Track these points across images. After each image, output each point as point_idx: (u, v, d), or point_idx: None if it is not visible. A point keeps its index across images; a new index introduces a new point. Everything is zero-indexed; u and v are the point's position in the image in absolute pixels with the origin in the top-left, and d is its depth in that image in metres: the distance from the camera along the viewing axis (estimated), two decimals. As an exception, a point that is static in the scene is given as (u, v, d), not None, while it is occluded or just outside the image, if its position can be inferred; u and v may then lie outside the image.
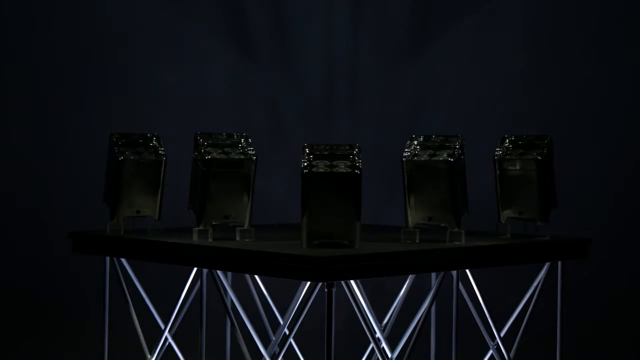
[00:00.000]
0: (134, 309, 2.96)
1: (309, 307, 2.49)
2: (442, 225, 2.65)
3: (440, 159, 2.64)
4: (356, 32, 4.59)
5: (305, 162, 2.49)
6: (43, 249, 4.15)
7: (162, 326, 2.95)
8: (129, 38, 4.32)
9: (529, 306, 2.91)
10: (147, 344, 2.96)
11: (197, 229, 2.66)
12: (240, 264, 2.45)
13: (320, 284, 2.45)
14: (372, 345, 3.02)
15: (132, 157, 2.86)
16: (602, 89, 4.37)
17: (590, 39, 4.39)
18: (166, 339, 2.92)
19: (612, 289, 4.33)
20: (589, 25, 4.39)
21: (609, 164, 4.35)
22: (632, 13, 4.35)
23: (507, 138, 2.89)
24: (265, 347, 2.89)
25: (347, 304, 2.62)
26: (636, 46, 4.34)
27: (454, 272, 2.64)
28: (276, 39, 4.55)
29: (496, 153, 2.86)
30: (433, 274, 3.04)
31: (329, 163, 2.49)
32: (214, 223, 2.67)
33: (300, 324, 2.49)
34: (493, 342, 2.88)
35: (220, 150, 2.68)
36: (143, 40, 4.34)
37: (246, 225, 2.68)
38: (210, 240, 2.65)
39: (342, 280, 2.34)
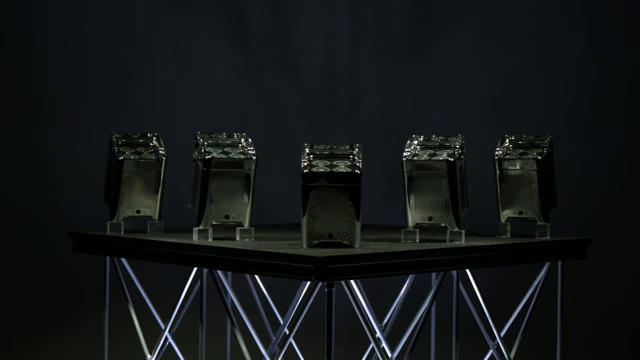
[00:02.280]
0: (134, 309, 2.96)
1: (309, 307, 2.49)
2: (442, 225, 2.65)
3: (440, 159, 2.64)
4: (356, 32, 4.59)
5: (305, 162, 2.49)
6: (43, 249, 4.15)
7: (162, 326, 2.95)
8: (129, 38, 4.32)
9: (529, 306, 2.91)
10: (147, 344, 2.96)
11: (197, 229, 2.66)
12: (240, 264, 2.45)
13: (320, 284, 2.45)
14: (372, 345, 3.02)
15: (132, 157, 2.86)
16: (602, 88, 4.37)
17: (591, 39, 4.39)
18: (166, 339, 2.92)
19: (612, 289, 4.33)
20: (588, 25, 4.39)
21: (609, 163, 4.35)
22: (631, 13, 4.35)
23: (507, 138, 2.89)
24: (265, 347, 2.89)
25: (347, 304, 2.62)
26: (636, 46, 4.34)
27: (454, 272, 2.64)
28: (276, 38, 4.56)
29: (496, 153, 2.86)
30: (433, 274, 3.04)
31: (329, 163, 2.49)
32: (214, 223, 2.67)
33: (300, 324, 2.49)
34: (493, 342, 2.88)
35: (220, 150, 2.69)
36: (143, 40, 4.34)
37: (246, 225, 2.68)
38: (210, 240, 2.65)
39: (342, 280, 2.34)
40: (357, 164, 2.49)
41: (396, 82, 4.56)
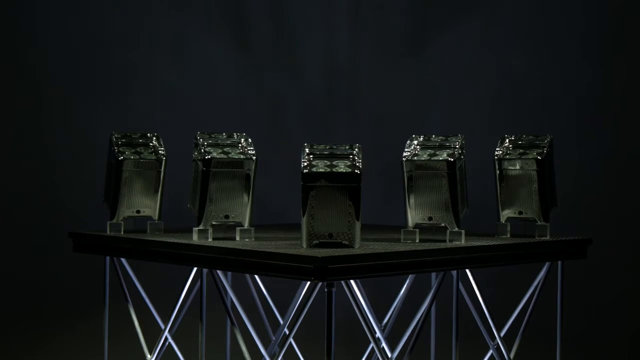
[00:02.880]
0: (134, 309, 2.96)
1: (309, 307, 2.49)
2: (442, 225, 2.65)
3: (440, 159, 2.64)
4: (356, 32, 4.59)
5: (305, 162, 2.49)
6: (43, 249, 4.15)
7: (162, 326, 2.95)
8: (129, 38, 4.32)
9: (529, 306, 2.91)
10: (147, 344, 2.96)
11: (197, 229, 2.66)
12: (240, 264, 2.45)
13: (320, 284, 2.45)
14: (372, 345, 3.02)
15: (132, 157, 2.86)
16: (601, 88, 4.37)
17: (589, 40, 4.39)
18: (166, 339, 2.92)
19: (612, 289, 4.33)
20: (587, 25, 4.39)
21: (608, 163, 4.35)
22: (629, 14, 4.35)
23: (507, 138, 2.89)
24: (265, 347, 2.89)
25: (347, 304, 2.62)
26: (633, 46, 4.34)
27: (454, 272, 2.64)
28: (276, 38, 4.55)
29: (496, 153, 2.86)
30: (433, 274, 3.04)
31: (329, 163, 2.49)
32: (214, 223, 2.67)
33: (300, 324, 2.49)
34: (493, 342, 2.88)
35: (220, 150, 2.69)
36: (143, 40, 4.34)
37: (246, 225, 2.68)
38: (210, 240, 2.65)
39: (342, 280, 2.34)
40: (357, 164, 2.49)
41: (396, 82, 4.56)
